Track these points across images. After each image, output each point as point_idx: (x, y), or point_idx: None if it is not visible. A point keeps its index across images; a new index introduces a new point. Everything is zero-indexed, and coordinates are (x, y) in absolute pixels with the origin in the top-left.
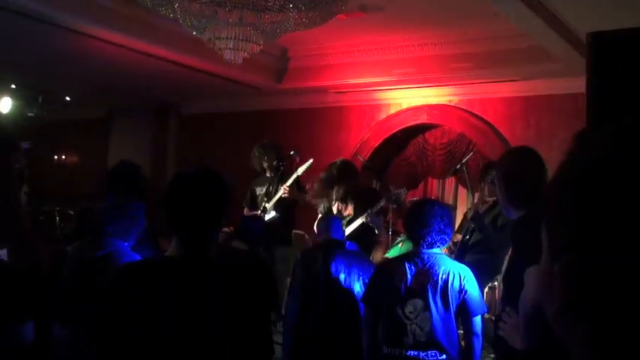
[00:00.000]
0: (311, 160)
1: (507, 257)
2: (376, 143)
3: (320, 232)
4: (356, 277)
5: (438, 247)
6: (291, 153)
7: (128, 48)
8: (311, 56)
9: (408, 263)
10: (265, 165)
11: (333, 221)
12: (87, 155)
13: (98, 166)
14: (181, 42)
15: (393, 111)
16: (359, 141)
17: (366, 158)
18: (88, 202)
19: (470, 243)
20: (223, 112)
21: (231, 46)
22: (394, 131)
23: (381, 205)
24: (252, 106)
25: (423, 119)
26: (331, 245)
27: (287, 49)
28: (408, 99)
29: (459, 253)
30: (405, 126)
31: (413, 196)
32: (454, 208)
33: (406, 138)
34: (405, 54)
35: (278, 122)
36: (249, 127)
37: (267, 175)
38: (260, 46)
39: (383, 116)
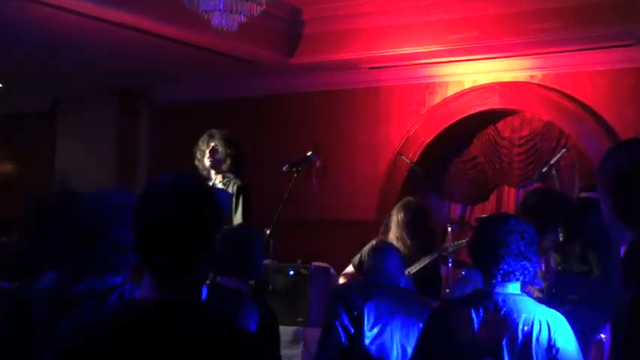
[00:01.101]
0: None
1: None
2: (428, 138)
3: (369, 268)
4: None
5: (518, 280)
6: (309, 154)
7: (79, 13)
8: (334, 18)
9: (474, 308)
10: (219, 167)
11: (391, 253)
12: (25, 161)
13: (41, 176)
14: (154, 3)
15: (451, 92)
16: (403, 135)
17: (414, 160)
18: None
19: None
20: (212, 100)
21: (221, 6)
22: (453, 121)
23: (431, 259)
24: (253, 89)
25: (493, 103)
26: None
27: (300, 10)
28: (471, 75)
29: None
30: (468, 113)
31: (482, 213)
32: None
33: (470, 130)
34: (466, 12)
35: (288, 111)
36: (248, 119)
37: (218, 184)
38: (262, 6)
39: (437, 100)
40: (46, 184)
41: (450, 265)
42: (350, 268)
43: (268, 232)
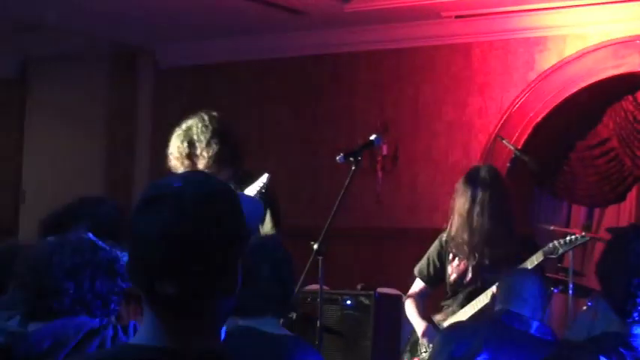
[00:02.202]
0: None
1: None
2: (538, 115)
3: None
4: None
5: None
6: (372, 138)
7: None
8: None
9: (606, 357)
10: (204, 161)
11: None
12: None
13: (6, 166)
14: None
15: (570, 52)
16: (504, 110)
17: (520, 145)
18: None
19: None
20: (236, 62)
21: None
22: (574, 90)
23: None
24: (294, 48)
25: (633, 64)
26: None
27: None
28: (600, 26)
29: None
30: (595, 79)
31: (616, 221)
32: None
33: (599, 103)
34: None
35: (344, 77)
36: (286, 88)
37: None
38: None
39: (552, 62)
40: (12, 173)
41: (570, 290)
42: (418, 285)
43: (316, 246)
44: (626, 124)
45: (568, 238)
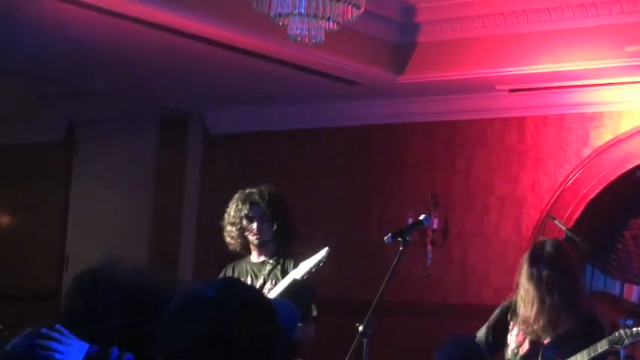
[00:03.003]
0: (326, 250)
1: None
2: (592, 191)
3: None
4: None
5: None
6: (421, 218)
7: (108, 11)
8: (461, 20)
9: None
10: (259, 235)
11: None
12: (29, 211)
13: (51, 230)
14: (210, 3)
15: (625, 128)
16: (557, 186)
17: (572, 222)
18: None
19: None
20: (288, 130)
21: (302, 9)
22: (629, 167)
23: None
24: (346, 117)
25: None
26: None
27: (414, 9)
28: None
29: None
30: None
31: None
32: None
33: None
34: None
35: (395, 148)
36: (337, 159)
37: (256, 258)
38: (360, 8)
39: (606, 138)
40: (57, 237)
41: None
42: None
43: (361, 328)
44: None
45: (635, 330)
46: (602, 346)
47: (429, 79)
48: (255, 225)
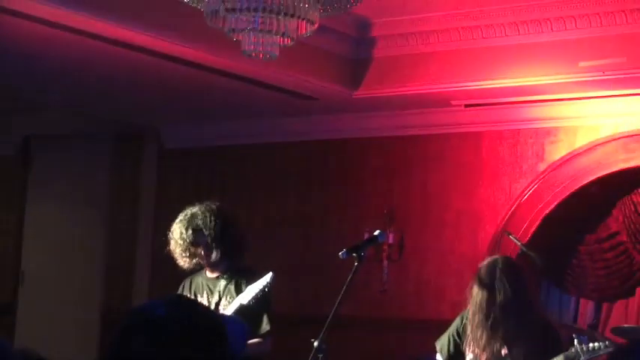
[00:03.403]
0: (271, 275)
1: None
2: (547, 206)
3: None
4: None
5: None
6: (376, 234)
7: (59, 25)
8: (416, 35)
9: None
10: (207, 259)
11: None
12: None
13: (6, 245)
14: (164, 15)
15: (581, 142)
16: (512, 203)
17: (528, 237)
18: None
19: None
20: (242, 145)
21: (257, 24)
22: (584, 183)
23: None
24: (301, 133)
25: None
26: None
27: (368, 24)
28: (611, 118)
29: None
30: (605, 172)
31: (624, 316)
32: None
33: (609, 197)
34: (607, 29)
35: (351, 163)
36: (291, 174)
37: (210, 274)
38: (314, 24)
39: (561, 153)
40: (12, 252)
41: None
42: None
43: (316, 343)
44: (636, 218)
45: (592, 345)
46: None
47: (385, 94)
48: (201, 250)
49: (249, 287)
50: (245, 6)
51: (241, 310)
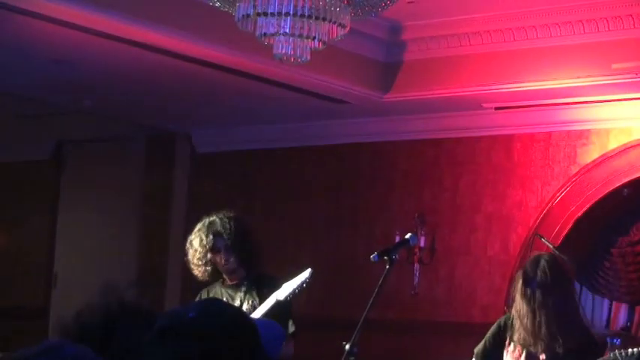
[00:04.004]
0: (309, 271)
1: None
2: (579, 210)
3: None
4: None
5: None
6: (408, 237)
7: (91, 31)
8: (448, 38)
9: None
10: (226, 265)
11: None
12: (17, 229)
13: (39, 248)
14: (197, 19)
15: (612, 146)
16: (543, 206)
17: (559, 240)
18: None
19: None
20: (274, 149)
21: (287, 29)
22: (617, 185)
23: None
24: (333, 136)
25: None
26: None
27: (400, 27)
28: None
29: None
30: (638, 175)
31: None
32: None
33: None
34: None
35: (381, 167)
36: (322, 178)
37: (229, 282)
38: (345, 27)
39: (594, 156)
40: (45, 255)
41: None
42: None
43: (347, 346)
44: None
45: (630, 351)
46: None
47: (416, 97)
48: (221, 256)
49: (286, 284)
50: (276, 10)
51: (273, 310)
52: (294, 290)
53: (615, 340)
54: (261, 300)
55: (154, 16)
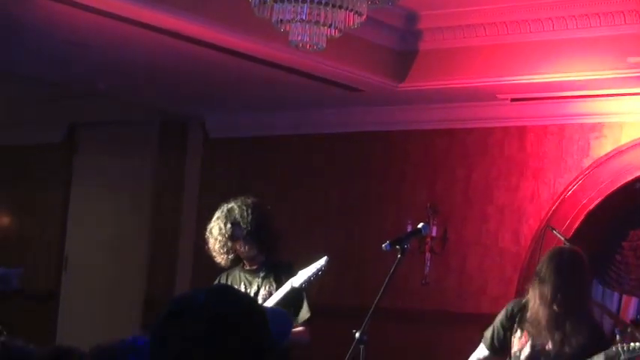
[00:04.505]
0: (325, 258)
1: None
2: (592, 202)
3: None
4: None
5: None
6: (420, 226)
7: (106, 13)
8: (463, 28)
9: None
10: (245, 252)
11: None
12: (29, 212)
13: (50, 231)
14: (212, 7)
15: (626, 140)
16: (556, 198)
17: (571, 233)
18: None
19: None
20: (288, 136)
21: (304, 15)
22: (629, 179)
23: None
24: (346, 124)
25: None
26: None
27: (416, 16)
28: None
29: None
30: None
31: None
32: None
33: None
34: None
35: (394, 156)
36: (335, 166)
37: (248, 267)
38: (362, 15)
39: (607, 149)
40: (57, 238)
41: None
42: (482, 350)
43: (357, 334)
44: None
45: (632, 345)
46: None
47: (430, 87)
48: (240, 243)
49: (302, 271)
50: None
51: (287, 297)
52: (309, 277)
53: (623, 333)
54: (278, 286)
55: (171, 0)
